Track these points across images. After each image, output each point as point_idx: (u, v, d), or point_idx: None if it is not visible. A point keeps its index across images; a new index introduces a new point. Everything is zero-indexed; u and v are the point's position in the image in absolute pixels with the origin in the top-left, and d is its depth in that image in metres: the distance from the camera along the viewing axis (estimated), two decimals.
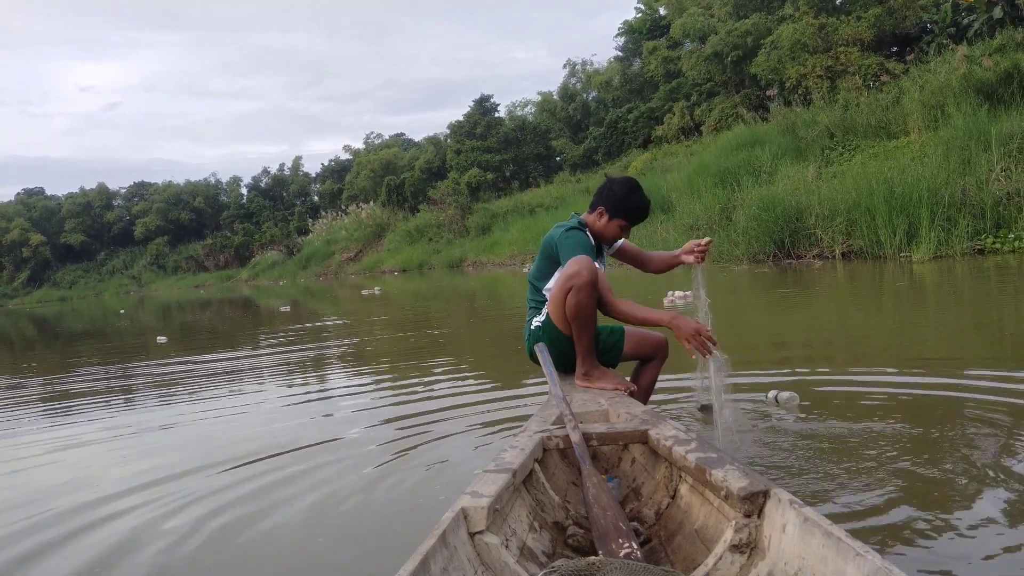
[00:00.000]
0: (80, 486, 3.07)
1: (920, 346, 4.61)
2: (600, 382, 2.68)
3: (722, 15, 22.57)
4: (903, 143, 11.97)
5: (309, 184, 51.37)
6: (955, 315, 5.79)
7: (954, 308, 6.13)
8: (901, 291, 7.39)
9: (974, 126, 10.20)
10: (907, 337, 4.95)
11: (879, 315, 6.10)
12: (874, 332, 5.30)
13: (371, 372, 5.69)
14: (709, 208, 13.44)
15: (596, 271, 2.61)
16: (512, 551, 1.61)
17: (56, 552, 2.36)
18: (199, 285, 41.91)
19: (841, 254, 10.47)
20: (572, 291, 2.60)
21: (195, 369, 6.55)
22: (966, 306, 6.12)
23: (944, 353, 4.28)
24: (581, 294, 2.59)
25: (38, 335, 16.28)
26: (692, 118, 22.78)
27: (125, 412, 4.83)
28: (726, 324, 6.04)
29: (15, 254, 52.19)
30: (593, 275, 2.58)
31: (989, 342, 4.51)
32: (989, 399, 3.07)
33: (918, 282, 7.87)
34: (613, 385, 2.65)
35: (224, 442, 3.64)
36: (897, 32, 18.26)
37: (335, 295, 19.76)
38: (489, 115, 32.12)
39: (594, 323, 2.69)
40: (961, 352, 4.27)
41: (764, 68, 18.77)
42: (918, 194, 9.46)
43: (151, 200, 52.61)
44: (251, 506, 2.58)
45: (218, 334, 11.30)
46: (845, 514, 2.06)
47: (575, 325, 2.66)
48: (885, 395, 3.32)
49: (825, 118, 14.33)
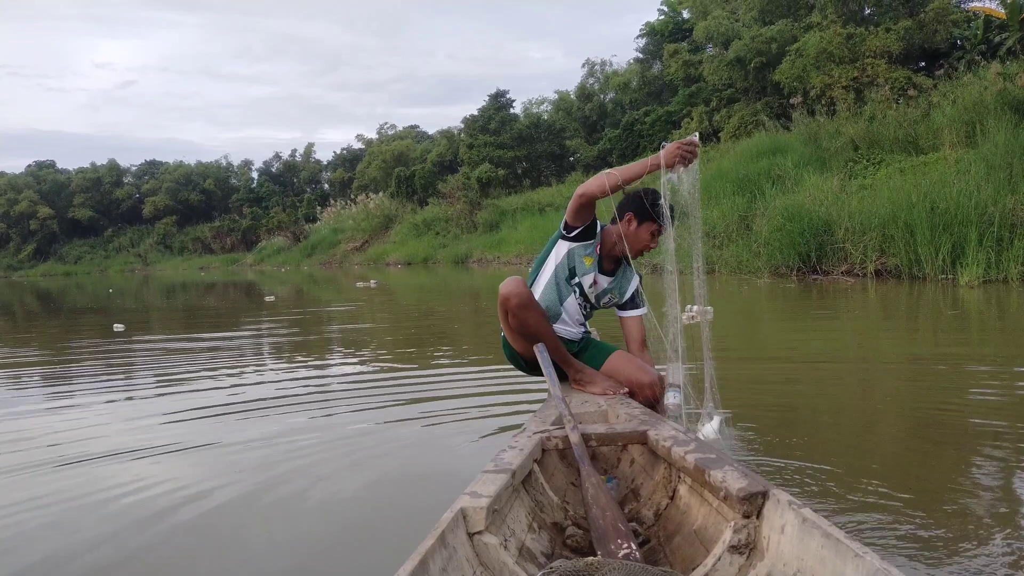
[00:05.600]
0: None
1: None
2: (590, 386, 2.72)
3: (747, 20, 22.13)
4: (934, 158, 11.50)
5: (320, 171, 51.17)
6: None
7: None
8: (959, 321, 6.41)
9: (1016, 143, 9.71)
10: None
11: (945, 360, 4.65)
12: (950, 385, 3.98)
13: (367, 369, 5.43)
14: (727, 215, 13.02)
15: (522, 291, 2.68)
16: (511, 551, 1.61)
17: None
18: (204, 267, 41.78)
19: (874, 272, 9.92)
20: (510, 316, 2.71)
21: (156, 356, 6.21)
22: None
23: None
24: (519, 316, 2.69)
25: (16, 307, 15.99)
26: (711, 123, 22.35)
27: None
28: (750, 353, 5.64)
29: (22, 226, 52.13)
30: (521, 297, 2.67)
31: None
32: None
33: (974, 309, 7.01)
34: (601, 390, 2.67)
35: (208, 438, 3.45)
36: (927, 47, 17.82)
37: (337, 284, 19.47)
38: (504, 111, 31.73)
39: (547, 334, 2.71)
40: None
41: (788, 76, 18.33)
42: (964, 211, 8.86)
43: (161, 179, 52.41)
44: (249, 506, 2.54)
45: (192, 320, 10.91)
46: (845, 514, 2.02)
47: (520, 341, 2.78)
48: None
49: (850, 129, 13.88)
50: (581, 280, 2.85)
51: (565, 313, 2.89)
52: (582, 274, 2.84)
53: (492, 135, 30.77)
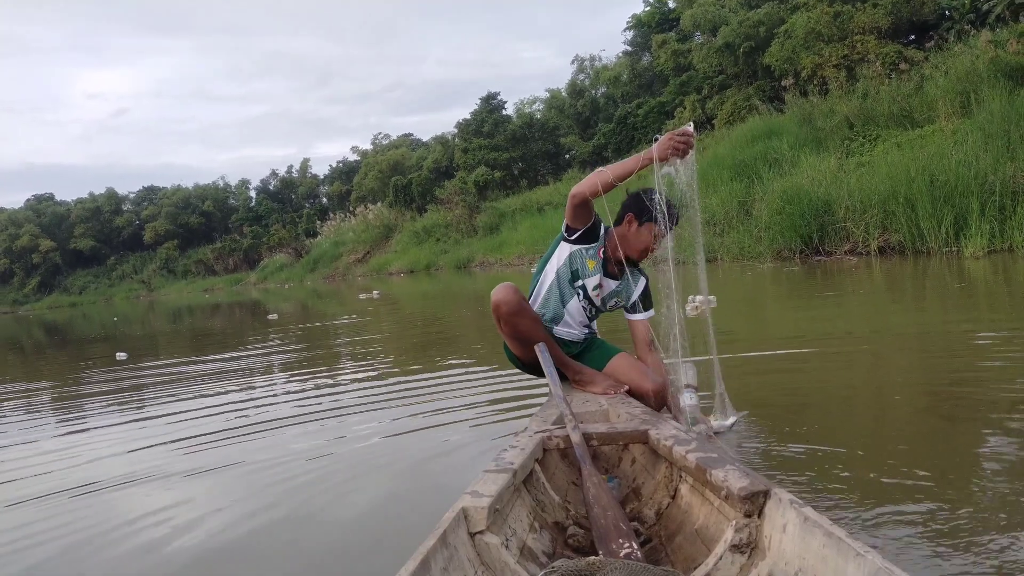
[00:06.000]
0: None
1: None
2: (591, 386, 2.71)
3: (733, 5, 22.07)
4: (929, 131, 11.41)
5: (317, 186, 51.21)
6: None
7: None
8: (967, 294, 6.28)
9: (1012, 111, 9.62)
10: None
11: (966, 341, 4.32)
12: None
13: (369, 372, 5.41)
14: (726, 202, 12.95)
15: (511, 298, 2.69)
16: (512, 551, 1.61)
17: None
18: (208, 289, 41.82)
19: (878, 249, 9.83)
20: (502, 323, 2.74)
21: (160, 382, 6.17)
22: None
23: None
24: (511, 322, 2.71)
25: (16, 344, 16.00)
26: (704, 111, 22.27)
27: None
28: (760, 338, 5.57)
29: (25, 260, 52.34)
30: (510, 304, 2.69)
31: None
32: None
33: (981, 281, 6.91)
34: (602, 389, 2.66)
35: (221, 449, 3.51)
36: (915, 19, 17.73)
37: (341, 296, 19.45)
38: (496, 113, 31.70)
39: (540, 336, 2.72)
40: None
41: (778, 58, 18.26)
42: (964, 182, 8.78)
43: (160, 204, 52.54)
44: (248, 507, 2.56)
45: (196, 343, 10.87)
46: (844, 513, 2.00)
47: (515, 344, 2.81)
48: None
49: (844, 107, 13.80)
50: (585, 283, 2.83)
51: (568, 315, 2.88)
52: (586, 277, 2.83)
53: (486, 138, 30.72)
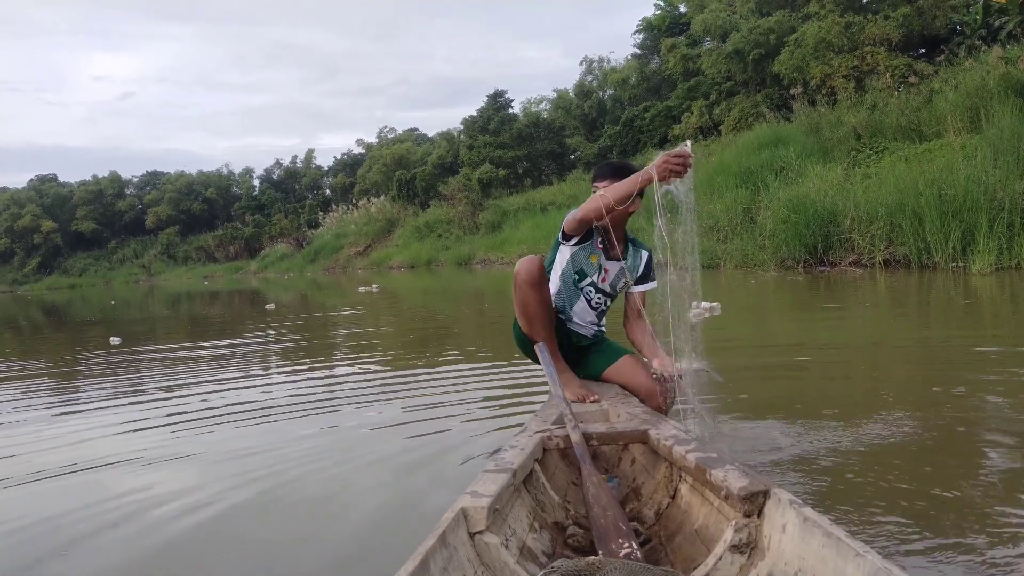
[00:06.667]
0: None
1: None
2: (565, 388, 2.55)
3: (744, 12, 22.03)
4: (937, 145, 11.38)
5: (321, 177, 51.14)
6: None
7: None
8: (974, 310, 6.21)
9: (1022, 128, 9.56)
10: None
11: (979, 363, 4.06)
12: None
13: (367, 370, 5.36)
14: (730, 209, 12.91)
15: (533, 270, 2.64)
16: (512, 551, 1.61)
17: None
18: (208, 276, 41.78)
19: (882, 262, 9.76)
20: (516, 290, 2.69)
21: (154, 366, 6.14)
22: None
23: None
24: (523, 291, 2.66)
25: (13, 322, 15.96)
26: (711, 117, 22.24)
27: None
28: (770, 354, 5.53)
29: (26, 240, 52.24)
30: (531, 275, 2.63)
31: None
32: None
33: (988, 298, 6.83)
34: (573, 396, 2.54)
35: (213, 440, 3.47)
36: (926, 33, 17.70)
37: (341, 289, 19.41)
38: (503, 111, 31.64)
39: (542, 321, 2.66)
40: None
41: (787, 67, 18.21)
42: (973, 197, 8.74)
43: (163, 189, 52.46)
44: (248, 506, 2.53)
45: (193, 329, 10.83)
46: (857, 507, 1.99)
47: (523, 321, 2.72)
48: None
49: (852, 118, 13.77)
50: (594, 280, 2.82)
51: (575, 316, 2.88)
52: (592, 273, 2.82)
53: (492, 135, 30.68)
